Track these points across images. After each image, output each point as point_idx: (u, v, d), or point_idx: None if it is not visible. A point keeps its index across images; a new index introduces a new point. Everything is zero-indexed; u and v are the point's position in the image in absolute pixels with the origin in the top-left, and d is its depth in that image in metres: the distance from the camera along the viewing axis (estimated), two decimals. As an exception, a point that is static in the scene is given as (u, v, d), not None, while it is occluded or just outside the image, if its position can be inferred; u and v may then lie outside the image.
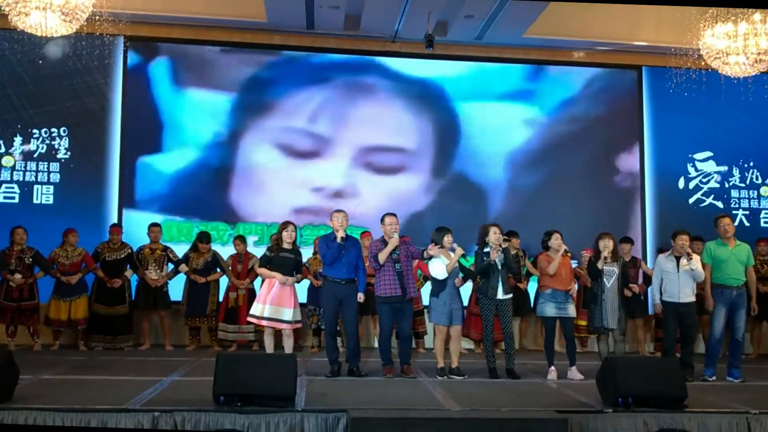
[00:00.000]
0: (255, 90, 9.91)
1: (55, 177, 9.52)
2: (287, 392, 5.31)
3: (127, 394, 5.67)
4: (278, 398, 5.30)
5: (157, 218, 9.36)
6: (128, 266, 8.75)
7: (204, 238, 8.86)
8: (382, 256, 6.84)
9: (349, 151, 9.92)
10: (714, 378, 7.05)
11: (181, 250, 9.09)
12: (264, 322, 6.86)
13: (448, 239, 7.03)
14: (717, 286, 7.12)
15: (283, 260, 6.90)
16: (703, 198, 10.38)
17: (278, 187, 9.81)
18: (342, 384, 6.53)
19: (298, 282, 7.24)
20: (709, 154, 10.42)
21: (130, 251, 8.79)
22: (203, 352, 8.44)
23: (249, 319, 7.06)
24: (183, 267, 8.82)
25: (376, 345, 8.70)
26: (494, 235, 7.06)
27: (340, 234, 6.85)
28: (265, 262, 6.95)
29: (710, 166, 10.43)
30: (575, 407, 5.62)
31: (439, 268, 6.95)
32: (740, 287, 7.09)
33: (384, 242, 6.91)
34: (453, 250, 7.03)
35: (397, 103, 10.05)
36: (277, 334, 7.19)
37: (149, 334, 8.97)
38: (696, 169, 10.41)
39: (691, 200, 10.36)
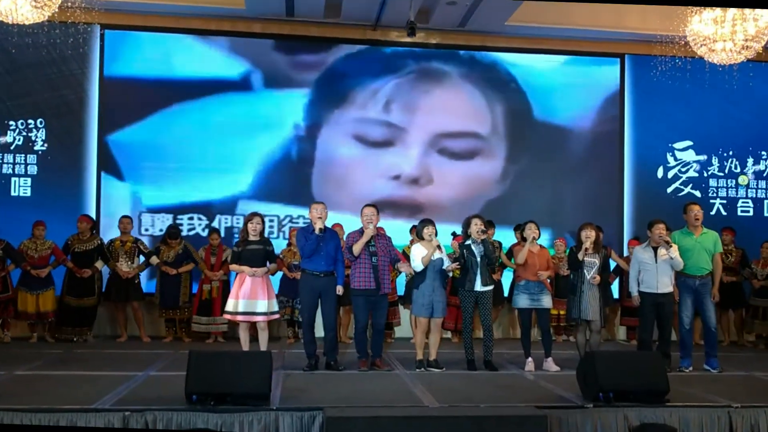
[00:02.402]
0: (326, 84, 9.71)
1: (32, 169, 9.22)
2: (261, 390, 5.08)
3: (100, 392, 5.44)
4: (252, 397, 5.08)
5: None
6: (99, 258, 8.51)
7: (173, 233, 8.63)
8: (357, 248, 6.60)
9: (424, 137, 9.74)
10: (691, 369, 6.88)
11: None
12: (239, 317, 6.59)
13: (428, 231, 6.81)
14: (680, 275, 6.95)
15: (251, 253, 6.62)
16: (682, 187, 10.20)
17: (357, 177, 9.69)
18: (319, 379, 6.30)
19: (272, 273, 6.95)
20: (689, 143, 10.23)
21: (99, 242, 8.54)
22: (179, 345, 8.24)
23: (225, 315, 6.78)
24: (154, 259, 8.59)
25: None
26: (474, 227, 6.85)
27: (318, 226, 6.60)
28: (235, 258, 6.69)
29: (690, 155, 10.24)
30: (555, 401, 5.43)
31: (418, 258, 6.73)
32: (704, 276, 6.90)
33: (362, 233, 6.67)
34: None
35: (467, 87, 9.88)
36: (253, 328, 6.95)
37: (125, 326, 8.75)
38: (675, 159, 10.22)
39: (669, 189, 10.17)
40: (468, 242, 6.87)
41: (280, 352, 7.67)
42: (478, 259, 6.82)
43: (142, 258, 8.68)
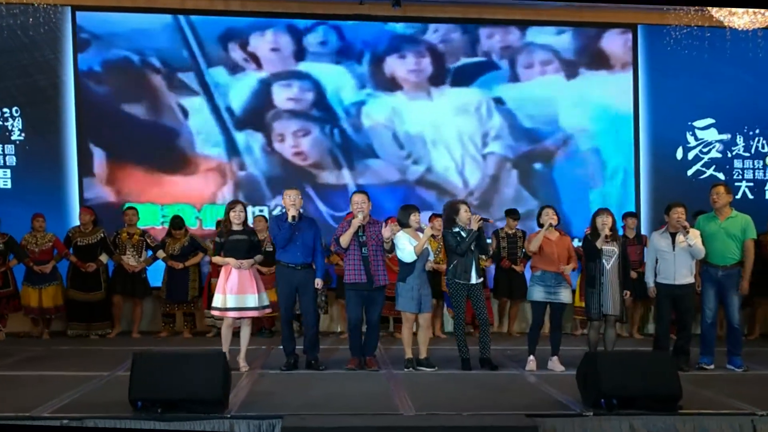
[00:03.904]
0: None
1: (11, 160, 8.76)
2: (215, 396, 4.48)
3: (48, 395, 4.96)
4: (205, 403, 4.48)
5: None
6: (102, 251, 8.06)
7: (177, 223, 8.13)
8: (345, 239, 5.97)
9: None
10: (712, 366, 6.15)
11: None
12: (230, 314, 5.97)
13: (415, 218, 6.17)
14: (703, 264, 6.23)
15: (234, 244, 6.00)
16: (703, 169, 9.37)
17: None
18: (295, 380, 5.70)
19: (259, 263, 6.34)
20: (710, 121, 9.36)
21: (103, 235, 8.08)
22: (175, 341, 7.83)
23: (213, 312, 6.21)
24: (161, 253, 8.13)
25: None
26: (465, 213, 6.20)
27: (290, 213, 5.97)
28: (218, 249, 6.08)
29: (712, 135, 9.39)
30: (551, 408, 4.74)
31: (406, 249, 6.07)
32: (728, 267, 6.10)
33: (351, 223, 6.04)
34: (421, 230, 6.21)
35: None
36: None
37: (118, 321, 8.32)
38: (696, 138, 9.39)
39: (689, 172, 9.35)
40: (457, 230, 6.20)
41: (268, 348, 7.17)
42: (472, 248, 6.15)
43: (149, 252, 8.26)
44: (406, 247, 6.09)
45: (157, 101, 8.83)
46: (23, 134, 8.71)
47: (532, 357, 6.19)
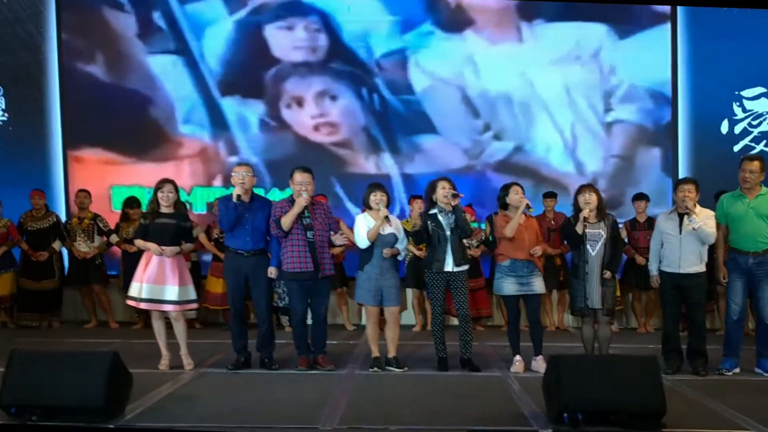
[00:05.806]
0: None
1: (-6, 142, 8.38)
2: (97, 403, 3.80)
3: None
4: (86, 411, 3.81)
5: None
6: (55, 237, 7.56)
7: (132, 203, 7.54)
8: (286, 221, 5.21)
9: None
10: (737, 370, 5.11)
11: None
12: (143, 305, 5.33)
13: (375, 198, 5.35)
14: (730, 251, 5.19)
15: (160, 227, 5.32)
16: (752, 144, 8.15)
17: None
18: (235, 381, 5.01)
19: (187, 254, 5.65)
20: (761, 90, 8.13)
21: (55, 220, 7.59)
22: (146, 333, 7.01)
23: (127, 301, 5.55)
24: (113, 237, 7.58)
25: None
26: (441, 191, 5.33)
27: (236, 192, 5.25)
28: (142, 232, 5.38)
29: (762, 105, 8.17)
30: (509, 422, 3.89)
31: (360, 234, 5.31)
32: (760, 253, 5.04)
33: (293, 203, 5.28)
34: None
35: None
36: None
37: (94, 311, 7.82)
38: (744, 110, 8.19)
39: (736, 148, 8.14)
40: (434, 211, 5.35)
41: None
42: (448, 232, 5.30)
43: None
44: (361, 232, 5.31)
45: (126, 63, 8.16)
46: (6, 115, 8.33)
47: (518, 357, 5.31)
